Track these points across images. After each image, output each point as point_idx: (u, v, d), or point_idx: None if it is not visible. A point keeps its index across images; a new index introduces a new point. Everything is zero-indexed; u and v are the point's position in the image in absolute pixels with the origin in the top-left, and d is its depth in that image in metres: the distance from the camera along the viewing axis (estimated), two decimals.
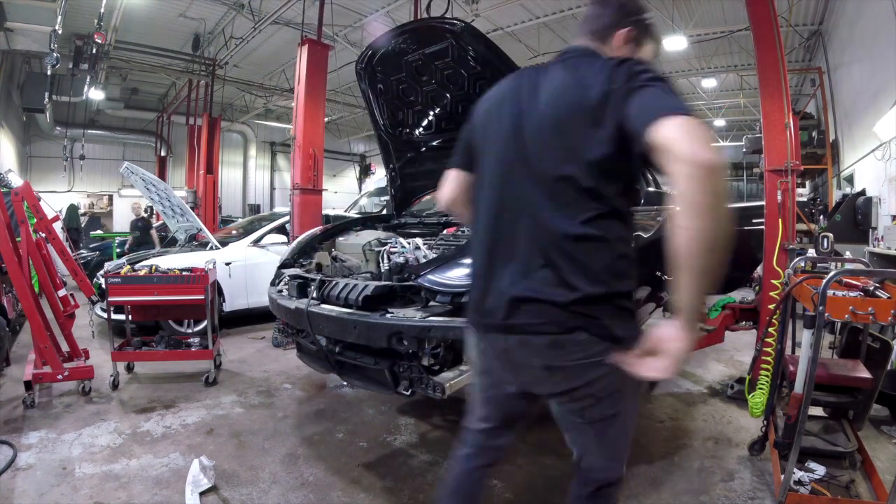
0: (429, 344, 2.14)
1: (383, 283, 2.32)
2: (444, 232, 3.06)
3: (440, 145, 3.37)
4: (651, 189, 3.70)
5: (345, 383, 3.62)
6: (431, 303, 2.25)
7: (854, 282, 2.18)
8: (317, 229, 3.62)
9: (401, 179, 3.77)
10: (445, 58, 2.78)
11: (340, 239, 3.42)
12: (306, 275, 2.70)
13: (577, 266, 1.16)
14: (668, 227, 1.01)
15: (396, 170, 3.73)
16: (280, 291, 2.82)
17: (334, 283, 2.44)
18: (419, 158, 3.59)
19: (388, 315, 2.22)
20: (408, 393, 2.32)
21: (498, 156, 1.31)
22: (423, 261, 2.65)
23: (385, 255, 2.90)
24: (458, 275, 2.22)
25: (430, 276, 2.24)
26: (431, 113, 3.17)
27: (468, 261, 2.24)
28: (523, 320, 1.21)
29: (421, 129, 3.32)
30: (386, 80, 3.19)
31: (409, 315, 2.18)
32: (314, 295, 2.46)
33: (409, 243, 2.86)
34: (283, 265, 3.14)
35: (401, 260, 2.76)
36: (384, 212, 5.59)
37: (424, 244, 2.85)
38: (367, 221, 3.77)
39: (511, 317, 1.23)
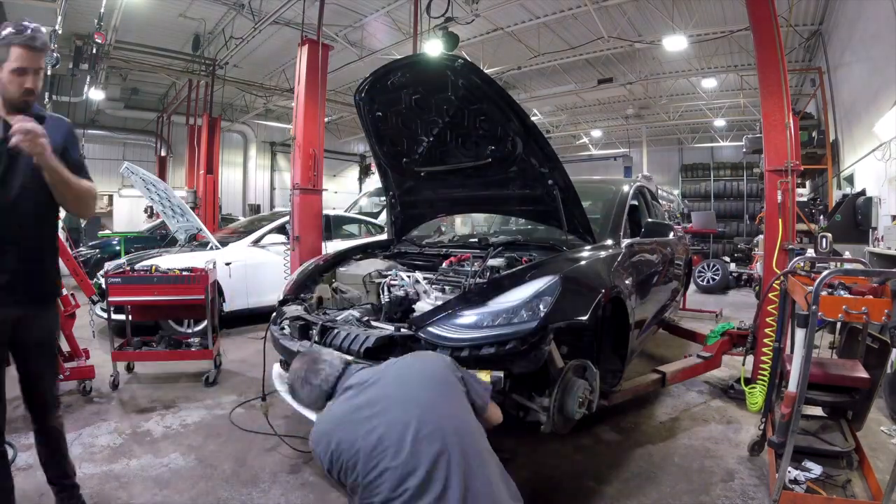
0: None
1: (384, 333, 2.34)
2: (444, 265, 3.07)
3: (440, 176, 3.39)
4: (650, 220, 3.71)
5: None
6: None
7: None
8: (317, 259, 3.63)
9: (400, 206, 3.81)
10: (445, 92, 2.81)
11: (341, 269, 3.45)
12: (307, 317, 2.73)
13: None
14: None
15: (396, 197, 3.76)
16: (282, 330, 2.83)
17: (336, 331, 2.47)
18: (419, 187, 3.61)
19: None
20: None
21: None
22: (422, 294, 2.71)
23: (385, 288, 2.93)
24: (458, 325, 2.23)
25: (429, 329, 2.26)
26: (431, 144, 3.18)
27: (468, 312, 2.25)
28: None
29: (420, 159, 3.32)
30: (385, 111, 3.21)
31: None
32: (316, 340, 2.49)
33: (408, 277, 2.88)
34: (284, 301, 3.14)
35: (400, 293, 2.81)
36: (384, 212, 5.58)
37: (424, 278, 2.86)
38: (367, 248, 3.80)
39: None
